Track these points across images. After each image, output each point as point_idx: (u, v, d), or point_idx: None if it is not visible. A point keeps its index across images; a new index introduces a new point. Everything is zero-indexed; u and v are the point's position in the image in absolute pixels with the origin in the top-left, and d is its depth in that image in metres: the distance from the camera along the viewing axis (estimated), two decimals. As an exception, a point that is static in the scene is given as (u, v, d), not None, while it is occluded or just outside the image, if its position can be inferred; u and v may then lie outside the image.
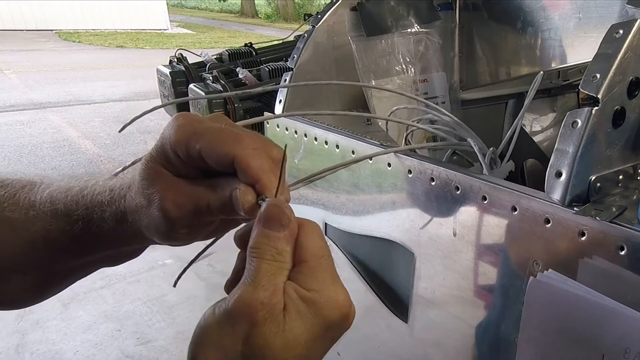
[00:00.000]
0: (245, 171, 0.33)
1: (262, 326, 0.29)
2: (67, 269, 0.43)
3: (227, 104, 1.92)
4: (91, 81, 7.02)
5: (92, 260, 0.43)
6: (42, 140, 4.45)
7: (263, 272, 0.31)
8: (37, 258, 0.41)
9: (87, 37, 11.99)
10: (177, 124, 0.34)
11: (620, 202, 0.54)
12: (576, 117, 0.51)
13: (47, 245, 0.40)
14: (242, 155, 0.32)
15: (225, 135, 0.33)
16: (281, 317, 0.30)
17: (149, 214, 0.36)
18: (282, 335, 0.30)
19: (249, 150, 0.33)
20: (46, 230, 0.40)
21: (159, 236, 0.37)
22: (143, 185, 0.36)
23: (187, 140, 0.33)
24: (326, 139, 0.89)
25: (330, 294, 0.31)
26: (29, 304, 0.46)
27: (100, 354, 1.90)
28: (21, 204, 0.41)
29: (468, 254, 0.66)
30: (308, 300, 0.31)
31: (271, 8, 22.55)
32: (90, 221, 0.39)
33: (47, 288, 0.44)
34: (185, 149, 0.34)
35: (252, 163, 0.33)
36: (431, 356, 0.80)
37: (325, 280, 0.32)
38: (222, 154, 0.33)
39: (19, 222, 0.40)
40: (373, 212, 0.84)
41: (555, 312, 0.53)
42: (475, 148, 0.76)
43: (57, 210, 0.40)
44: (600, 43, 0.52)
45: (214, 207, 0.35)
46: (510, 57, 1.27)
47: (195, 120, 0.35)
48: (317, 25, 1.02)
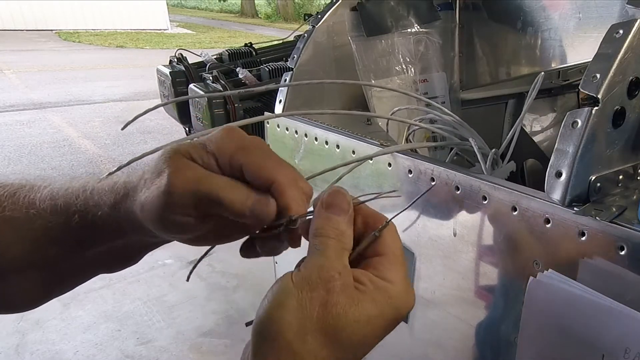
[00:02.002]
0: (279, 197, 0.35)
1: (339, 295, 0.32)
2: (67, 268, 0.43)
3: (227, 103, 1.91)
4: (91, 81, 7.02)
5: (89, 260, 0.42)
6: (42, 140, 4.45)
7: (331, 247, 0.34)
8: (38, 257, 0.41)
9: (87, 37, 12.00)
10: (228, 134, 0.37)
11: (620, 202, 0.54)
12: (576, 117, 0.51)
13: (47, 243, 0.40)
14: (281, 183, 0.35)
15: (271, 162, 0.36)
16: (355, 293, 0.33)
17: (152, 185, 0.35)
18: (356, 310, 0.32)
19: (288, 179, 0.36)
20: (46, 228, 0.40)
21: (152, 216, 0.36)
22: (161, 160, 0.36)
23: (234, 151, 0.36)
24: (326, 139, 0.89)
25: (402, 288, 0.35)
26: (30, 307, 0.45)
27: (100, 354, 1.90)
28: (21, 202, 0.41)
29: (468, 254, 0.66)
30: (382, 288, 0.34)
31: (271, 8, 22.55)
32: (87, 211, 0.39)
33: (48, 289, 0.44)
34: (227, 159, 0.36)
35: (288, 191, 0.36)
36: (431, 356, 0.80)
37: (399, 274, 0.35)
38: (265, 177, 0.35)
39: (20, 221, 0.40)
40: (373, 212, 0.84)
41: (555, 312, 0.53)
42: (476, 148, 0.76)
43: (57, 205, 0.40)
44: (600, 43, 0.52)
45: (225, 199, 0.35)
46: (510, 57, 1.27)
47: (244, 136, 0.37)
48: (317, 25, 1.02)
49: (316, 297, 0.32)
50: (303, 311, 0.31)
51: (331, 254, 0.33)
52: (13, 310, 0.45)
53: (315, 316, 0.31)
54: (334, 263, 0.33)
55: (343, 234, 0.35)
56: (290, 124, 0.98)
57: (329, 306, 0.31)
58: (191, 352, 1.92)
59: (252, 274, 2.35)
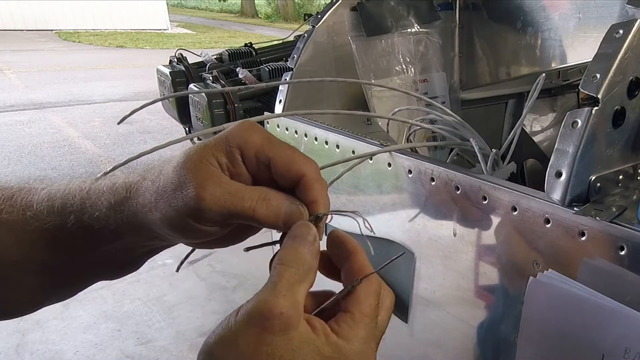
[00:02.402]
0: (309, 190, 0.36)
1: (274, 335, 0.30)
2: (66, 273, 0.42)
3: (227, 103, 1.91)
4: (91, 81, 7.02)
5: (88, 265, 0.42)
6: (42, 140, 4.45)
7: (285, 279, 0.32)
8: (36, 261, 0.40)
9: (87, 37, 12.00)
10: (252, 128, 0.36)
11: (620, 202, 0.54)
12: (576, 117, 0.51)
13: (44, 245, 0.40)
14: (310, 176, 0.36)
15: (298, 155, 0.36)
16: (297, 338, 0.31)
17: (174, 197, 0.34)
18: (292, 355, 0.30)
19: (316, 173, 0.37)
20: (42, 229, 0.39)
21: (167, 222, 0.35)
22: (181, 167, 0.35)
23: (261, 145, 0.35)
24: (326, 139, 0.89)
25: (358, 349, 0.32)
26: (27, 312, 0.45)
27: (100, 354, 1.90)
28: (18, 205, 0.40)
29: (468, 254, 0.66)
30: (332, 343, 0.32)
31: (271, 8, 22.55)
32: (83, 211, 0.38)
33: (46, 294, 0.44)
34: (254, 153, 0.35)
35: (316, 185, 0.36)
36: (431, 356, 0.80)
37: (359, 335, 0.33)
38: (294, 170, 0.36)
39: (17, 223, 0.39)
40: (373, 212, 0.84)
41: (555, 312, 0.53)
42: (477, 148, 0.76)
43: (54, 206, 0.39)
44: (600, 43, 0.52)
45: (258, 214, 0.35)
46: (510, 57, 1.27)
47: (266, 130, 0.37)
48: (317, 25, 1.02)
49: (252, 334, 0.30)
50: (238, 348, 0.30)
51: (282, 287, 0.32)
52: (10, 315, 0.44)
53: (250, 354, 0.30)
54: (280, 300, 0.31)
55: (304, 265, 0.33)
56: (290, 124, 0.98)
57: (261, 345, 0.30)
58: (191, 352, 1.92)
59: (252, 274, 2.35)
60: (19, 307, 0.44)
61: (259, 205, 0.35)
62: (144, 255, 0.43)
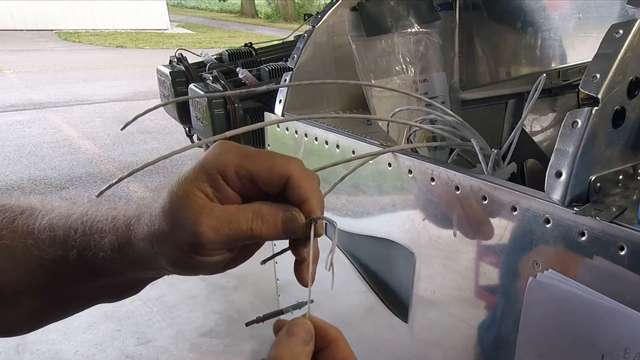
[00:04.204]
0: (297, 190, 0.35)
1: None
2: (65, 298, 0.42)
3: (227, 104, 1.91)
4: (91, 81, 7.02)
5: (89, 291, 0.42)
6: (42, 140, 4.45)
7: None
8: (35, 286, 0.40)
9: (87, 37, 12.00)
10: (224, 148, 0.36)
11: (620, 202, 0.54)
12: (576, 117, 0.51)
13: (44, 274, 0.40)
14: (296, 176, 0.35)
15: (278, 158, 0.36)
16: None
17: (172, 238, 0.35)
18: None
19: (302, 170, 0.36)
20: (43, 259, 0.39)
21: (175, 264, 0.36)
22: (170, 208, 0.35)
23: (238, 162, 0.35)
24: (326, 139, 0.89)
25: None
26: (24, 333, 0.45)
27: (100, 354, 1.90)
28: (20, 231, 0.40)
29: (468, 254, 0.66)
30: None
31: (271, 8, 22.54)
32: (86, 248, 0.38)
33: (44, 316, 0.44)
34: (234, 172, 0.35)
35: (303, 182, 0.36)
36: (431, 356, 0.80)
37: None
38: (277, 175, 0.35)
39: (18, 250, 0.39)
40: (373, 212, 0.84)
41: (555, 312, 0.53)
42: (477, 149, 0.76)
43: (56, 237, 0.39)
44: (600, 43, 0.52)
45: (257, 232, 0.35)
46: (510, 57, 1.27)
47: (241, 146, 0.37)
48: (317, 25, 1.02)
49: None
50: None
51: None
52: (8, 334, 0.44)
53: None
54: None
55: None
56: (290, 125, 0.98)
57: None
58: (191, 352, 1.92)
59: (252, 274, 2.35)
60: (17, 327, 0.44)
61: (255, 223, 0.35)
62: (144, 283, 0.43)
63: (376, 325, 0.89)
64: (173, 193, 0.35)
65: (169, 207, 0.35)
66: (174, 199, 0.35)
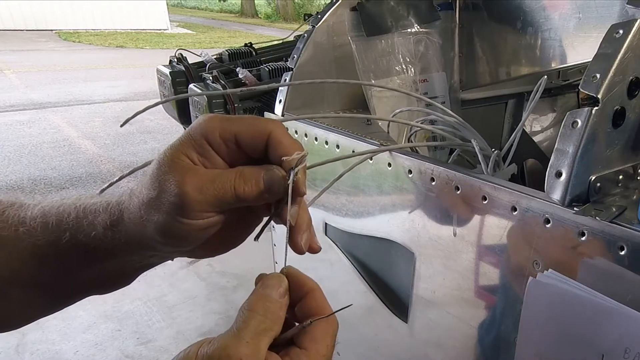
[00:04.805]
0: (278, 145, 0.36)
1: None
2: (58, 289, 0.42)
3: (227, 103, 1.91)
4: (91, 81, 7.02)
5: (79, 281, 0.42)
6: (42, 140, 4.45)
7: (251, 327, 0.33)
8: (26, 276, 0.40)
9: (87, 37, 12.00)
10: (209, 116, 0.37)
11: (620, 202, 0.54)
12: (576, 117, 0.51)
13: (36, 263, 0.40)
14: (277, 132, 0.37)
15: (260, 119, 0.37)
16: None
17: (160, 203, 0.35)
18: None
19: (282, 130, 0.37)
20: (35, 246, 0.39)
21: (164, 232, 0.36)
22: (157, 174, 0.35)
23: (221, 126, 0.36)
24: (326, 139, 0.89)
25: None
26: (18, 326, 0.45)
27: (100, 354, 1.90)
28: (10, 221, 0.40)
29: (468, 254, 0.66)
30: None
31: (271, 8, 22.55)
32: (79, 229, 0.38)
33: (34, 309, 0.44)
34: (218, 136, 0.36)
35: (284, 139, 0.37)
36: (431, 356, 0.80)
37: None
38: (259, 133, 0.36)
39: (9, 239, 0.39)
40: (373, 212, 0.84)
41: (555, 312, 0.53)
42: (477, 149, 0.76)
43: (48, 223, 0.39)
44: (600, 43, 0.52)
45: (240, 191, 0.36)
46: (510, 57, 1.27)
47: (224, 115, 0.38)
48: (317, 25, 1.02)
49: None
50: None
51: (246, 334, 0.32)
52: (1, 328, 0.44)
53: None
54: (242, 347, 0.31)
55: (271, 315, 0.34)
56: (291, 124, 0.98)
57: None
58: (191, 352, 1.92)
59: (252, 274, 2.33)
60: (8, 320, 0.44)
61: (237, 183, 0.36)
62: (136, 271, 0.43)
63: (376, 325, 0.89)
64: (160, 160, 0.36)
65: (156, 172, 0.36)
66: (160, 164, 0.36)
